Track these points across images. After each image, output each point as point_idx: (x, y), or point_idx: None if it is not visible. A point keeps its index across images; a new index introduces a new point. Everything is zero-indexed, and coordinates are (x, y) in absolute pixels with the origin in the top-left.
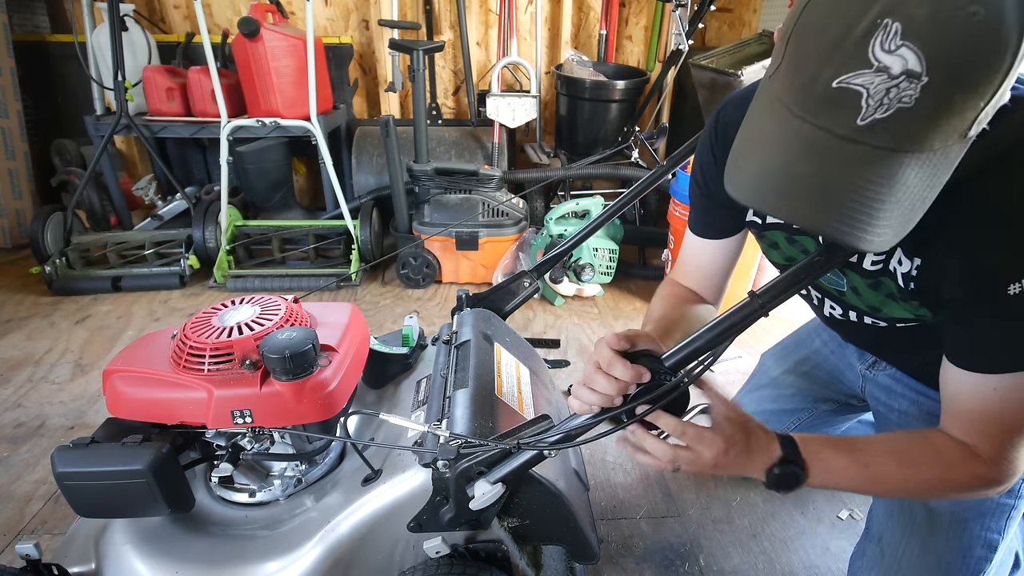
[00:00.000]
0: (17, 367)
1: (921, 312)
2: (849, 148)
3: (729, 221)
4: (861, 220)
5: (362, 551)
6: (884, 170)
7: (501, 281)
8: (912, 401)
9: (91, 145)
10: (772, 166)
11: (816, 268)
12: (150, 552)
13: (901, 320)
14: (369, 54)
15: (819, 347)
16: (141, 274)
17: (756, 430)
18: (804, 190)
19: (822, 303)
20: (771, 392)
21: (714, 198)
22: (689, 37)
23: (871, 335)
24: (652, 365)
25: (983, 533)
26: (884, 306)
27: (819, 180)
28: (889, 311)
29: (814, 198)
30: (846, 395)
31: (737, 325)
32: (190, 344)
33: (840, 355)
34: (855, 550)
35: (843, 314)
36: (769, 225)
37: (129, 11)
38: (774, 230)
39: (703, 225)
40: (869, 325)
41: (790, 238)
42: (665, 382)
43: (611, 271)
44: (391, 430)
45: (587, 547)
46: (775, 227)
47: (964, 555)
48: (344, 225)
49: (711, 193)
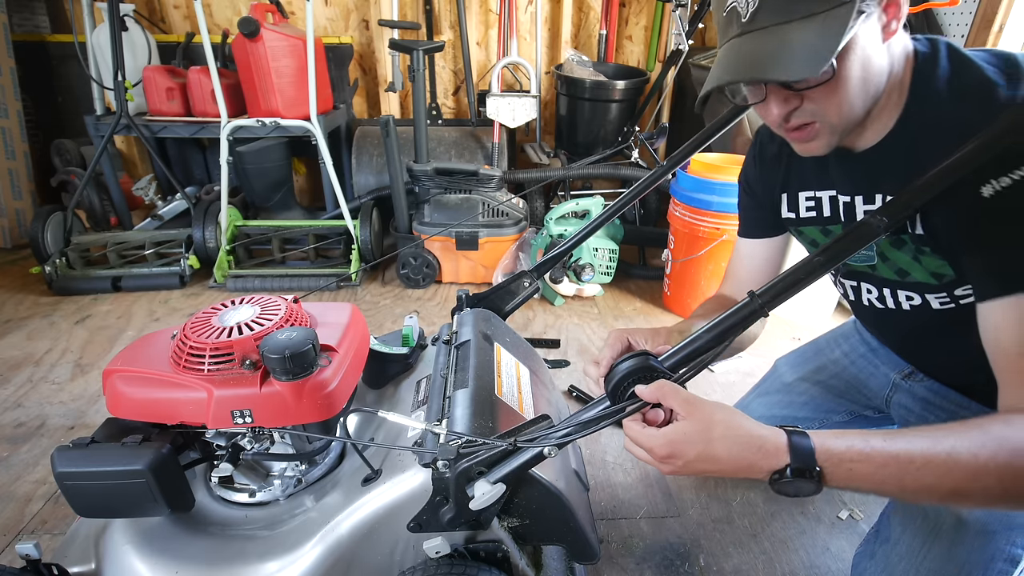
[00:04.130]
0: (17, 367)
1: (945, 271)
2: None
3: (770, 220)
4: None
5: (362, 551)
6: (778, 36)
7: (501, 281)
8: (951, 414)
9: (91, 145)
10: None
11: (816, 268)
12: (150, 552)
13: (930, 289)
14: (369, 54)
15: (839, 357)
16: (141, 274)
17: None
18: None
19: (859, 291)
20: (783, 398)
21: (756, 198)
22: (689, 37)
23: (908, 324)
24: (645, 364)
25: (1007, 547)
26: (911, 269)
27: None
28: (916, 275)
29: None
30: (864, 405)
31: (737, 326)
32: (190, 344)
33: (865, 364)
34: (860, 550)
35: (879, 297)
36: (803, 220)
37: (129, 11)
38: (808, 225)
39: (749, 226)
40: (907, 312)
41: (824, 230)
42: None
43: (611, 271)
44: (391, 430)
45: (587, 547)
46: (808, 222)
47: (986, 567)
48: (344, 225)
49: (754, 194)
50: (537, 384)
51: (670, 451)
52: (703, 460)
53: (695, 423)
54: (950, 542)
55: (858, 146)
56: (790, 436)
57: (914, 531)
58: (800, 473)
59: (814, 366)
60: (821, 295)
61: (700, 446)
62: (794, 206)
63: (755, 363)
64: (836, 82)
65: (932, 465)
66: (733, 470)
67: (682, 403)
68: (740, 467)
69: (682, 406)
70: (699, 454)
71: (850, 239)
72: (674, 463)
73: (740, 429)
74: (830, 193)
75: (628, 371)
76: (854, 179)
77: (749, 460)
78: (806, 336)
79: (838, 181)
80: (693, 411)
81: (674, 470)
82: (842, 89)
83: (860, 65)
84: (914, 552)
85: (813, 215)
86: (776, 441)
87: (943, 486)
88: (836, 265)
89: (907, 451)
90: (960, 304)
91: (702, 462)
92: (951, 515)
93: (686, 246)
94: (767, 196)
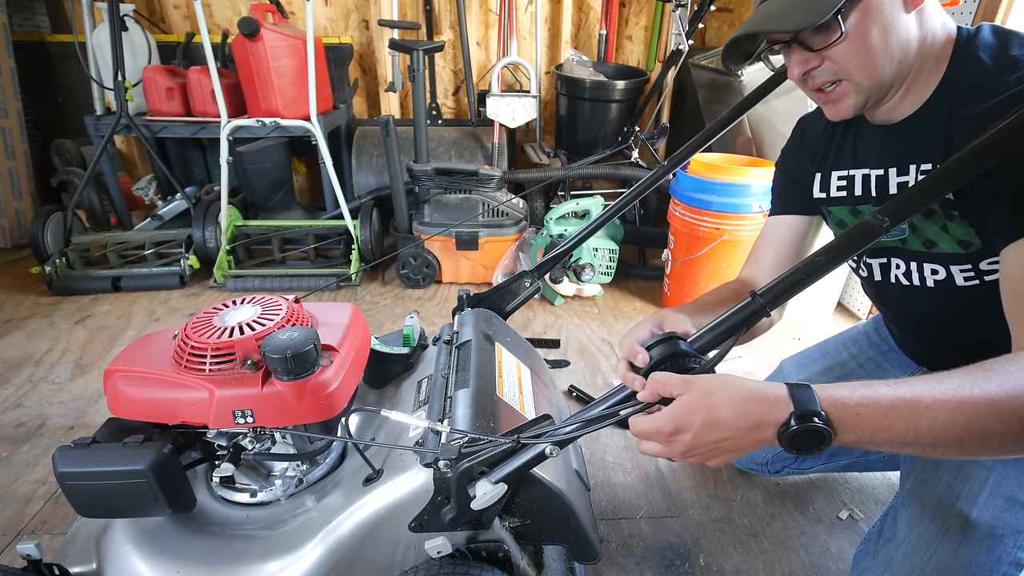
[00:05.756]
0: (17, 367)
1: (971, 238)
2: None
3: (803, 198)
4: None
5: (363, 551)
6: None
7: (501, 281)
8: None
9: (91, 145)
10: (755, 16)
11: (818, 268)
12: (151, 552)
13: (955, 259)
14: (369, 54)
15: (847, 359)
16: (141, 274)
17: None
18: (754, 20)
19: (887, 268)
20: None
21: (791, 176)
22: (689, 37)
23: (930, 303)
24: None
25: (1014, 551)
26: (939, 239)
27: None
28: (943, 244)
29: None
30: None
31: (739, 324)
32: (191, 344)
33: (873, 367)
34: (861, 549)
35: (906, 272)
36: (833, 200)
37: (129, 11)
38: (838, 205)
39: (781, 202)
40: (930, 288)
41: (854, 210)
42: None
43: (611, 271)
44: (392, 430)
45: (588, 547)
46: (838, 202)
47: (992, 570)
48: (344, 225)
49: (789, 172)
50: (538, 384)
51: (675, 426)
52: (710, 426)
53: (695, 392)
54: (957, 544)
55: (895, 117)
56: (790, 386)
57: (920, 531)
58: (805, 419)
59: (821, 367)
60: (821, 295)
61: (703, 412)
62: (826, 186)
63: (755, 363)
64: (852, 41)
65: (940, 402)
66: (742, 431)
67: (679, 383)
68: (747, 425)
69: (679, 385)
70: (704, 420)
71: (851, 239)
72: (683, 439)
73: (739, 387)
74: (863, 172)
75: (660, 358)
76: (889, 151)
77: (754, 415)
78: (806, 336)
79: (873, 156)
80: (690, 385)
81: (686, 450)
82: (861, 48)
83: (879, 28)
84: (920, 552)
85: (844, 195)
86: (776, 391)
87: (956, 423)
88: (838, 265)
89: (913, 392)
90: (984, 281)
91: (709, 429)
92: (959, 517)
93: (686, 246)
94: (803, 173)
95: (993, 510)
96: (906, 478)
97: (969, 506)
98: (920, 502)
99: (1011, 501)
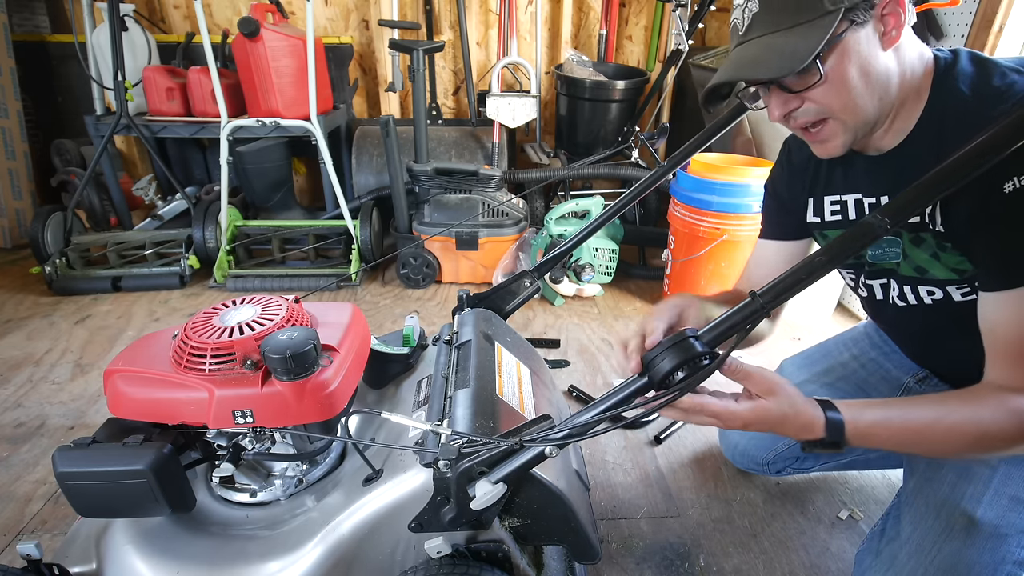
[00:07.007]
0: (17, 367)
1: (963, 265)
2: (744, 46)
3: (794, 224)
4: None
5: (363, 551)
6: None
7: (501, 281)
8: None
9: (91, 145)
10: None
11: (818, 267)
12: (151, 552)
13: (951, 283)
14: (369, 54)
15: (848, 360)
16: (141, 274)
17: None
18: (731, 67)
19: (887, 288)
20: None
21: (781, 202)
22: (689, 37)
23: (931, 319)
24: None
25: (1018, 550)
26: (930, 267)
27: (735, 60)
28: (935, 272)
29: (734, 67)
30: None
31: (738, 325)
32: (191, 344)
33: (875, 368)
34: (864, 548)
35: (901, 295)
36: (828, 224)
37: (129, 11)
38: (833, 228)
39: (772, 227)
40: (929, 306)
41: None
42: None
43: (611, 271)
44: (392, 430)
45: (588, 547)
46: (833, 226)
47: (995, 569)
48: (344, 225)
49: (779, 197)
50: (538, 384)
51: (753, 421)
52: (771, 429)
53: (780, 405)
54: (961, 543)
55: (883, 147)
56: (826, 413)
57: (924, 530)
58: (831, 445)
59: (822, 368)
60: (821, 295)
61: (778, 424)
62: (819, 211)
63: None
64: (832, 84)
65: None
66: (786, 435)
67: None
68: (791, 435)
69: (767, 387)
70: (772, 427)
71: (851, 239)
72: (747, 428)
73: (803, 412)
74: (856, 196)
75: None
76: (880, 180)
77: (800, 435)
78: (806, 336)
79: (864, 184)
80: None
81: (741, 429)
82: (841, 89)
83: (858, 69)
84: (923, 551)
85: (839, 219)
86: (816, 418)
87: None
88: (838, 265)
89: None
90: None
91: (769, 429)
92: (963, 516)
93: (686, 246)
94: (793, 201)
95: (997, 509)
96: (909, 477)
97: (974, 505)
98: (924, 501)
99: (1016, 500)
